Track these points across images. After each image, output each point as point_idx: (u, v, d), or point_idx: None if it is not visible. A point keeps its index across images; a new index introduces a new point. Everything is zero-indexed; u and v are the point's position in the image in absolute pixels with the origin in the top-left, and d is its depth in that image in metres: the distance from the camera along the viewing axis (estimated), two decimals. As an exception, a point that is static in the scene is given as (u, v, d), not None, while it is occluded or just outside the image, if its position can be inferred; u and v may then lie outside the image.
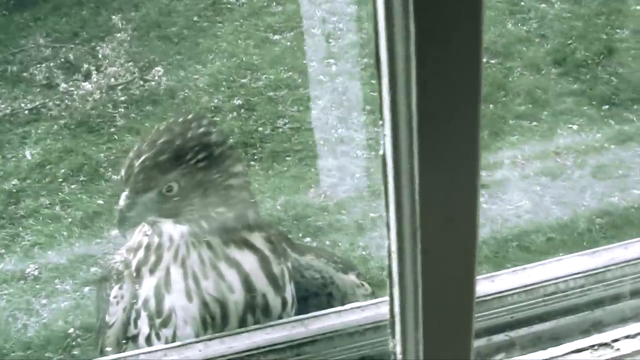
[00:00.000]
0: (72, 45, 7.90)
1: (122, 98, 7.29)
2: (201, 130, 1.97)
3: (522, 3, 8.23)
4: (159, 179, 1.94)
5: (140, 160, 1.93)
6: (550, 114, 6.91)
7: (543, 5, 8.16)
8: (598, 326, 2.09)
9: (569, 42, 7.77)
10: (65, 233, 5.88)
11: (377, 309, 1.99)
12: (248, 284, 2.06)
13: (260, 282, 2.08)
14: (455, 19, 1.00)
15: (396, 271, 1.23)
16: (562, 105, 7.02)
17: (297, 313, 2.17)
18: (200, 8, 8.40)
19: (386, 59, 1.05)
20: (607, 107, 6.99)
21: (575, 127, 6.74)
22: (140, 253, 2.09)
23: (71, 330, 5.16)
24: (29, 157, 6.73)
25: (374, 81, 7.23)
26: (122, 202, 1.96)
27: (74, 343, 5.08)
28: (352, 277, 2.33)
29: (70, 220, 6.01)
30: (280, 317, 2.11)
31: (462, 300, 1.26)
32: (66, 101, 7.23)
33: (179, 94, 7.31)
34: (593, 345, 1.91)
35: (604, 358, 1.88)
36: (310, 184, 6.20)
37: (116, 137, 6.88)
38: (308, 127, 6.83)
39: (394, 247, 1.21)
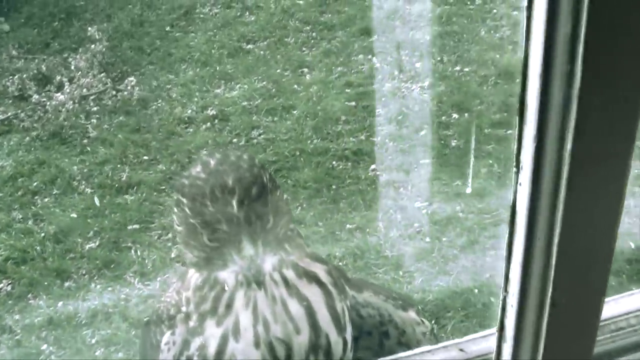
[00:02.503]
0: (45, 57, 7.83)
1: (95, 109, 7.22)
2: (248, 157, 1.91)
3: (495, 10, 8.24)
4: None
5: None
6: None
7: (515, 12, 8.17)
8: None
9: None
10: (38, 248, 5.80)
11: (446, 353, 1.87)
12: (314, 323, 1.95)
13: (325, 321, 1.97)
14: (621, 65, 0.94)
15: (512, 326, 1.20)
16: (537, 113, 7.02)
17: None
18: (173, 18, 8.36)
19: (537, 104, 0.99)
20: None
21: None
22: (198, 297, 1.97)
23: (44, 346, 5.09)
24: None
25: (348, 90, 7.26)
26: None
27: (47, 360, 5.03)
28: (412, 314, 2.22)
29: (43, 234, 5.93)
30: None
31: (582, 350, 1.23)
32: (38, 112, 7.15)
33: (151, 104, 7.25)
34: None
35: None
36: (288, 198, 6.16)
37: (89, 148, 6.81)
38: (283, 137, 6.79)
39: (513, 302, 1.17)
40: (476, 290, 5.32)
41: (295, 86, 7.39)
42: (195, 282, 1.98)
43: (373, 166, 6.45)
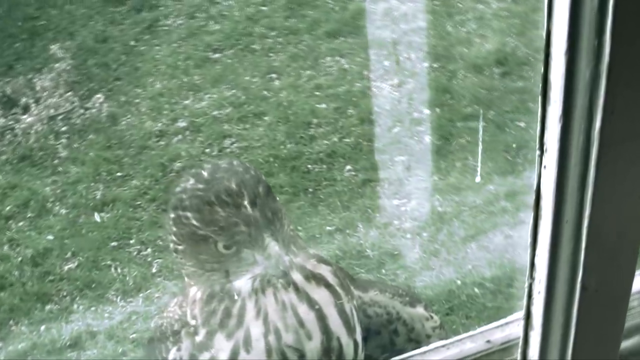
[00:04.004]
0: (9, 79, 7.71)
1: (64, 128, 7.13)
2: (239, 162, 1.92)
3: (460, 5, 8.27)
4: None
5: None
6: (497, 114, 6.95)
7: (480, 5, 8.21)
8: None
9: (509, 40, 7.84)
10: (16, 273, 5.72)
11: (462, 345, 1.87)
12: (325, 327, 1.92)
13: (335, 324, 1.94)
14: None
15: (540, 314, 1.18)
16: (507, 104, 7.07)
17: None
18: (137, 32, 8.28)
19: (562, 82, 0.98)
20: (552, 102, 7.06)
21: (522, 124, 6.79)
22: (207, 311, 1.93)
23: (29, 372, 5.05)
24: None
25: (318, 93, 7.26)
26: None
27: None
28: (420, 310, 2.22)
29: (20, 259, 5.85)
30: None
31: (612, 335, 1.22)
32: (7, 136, 7.05)
33: (121, 120, 7.18)
34: None
35: None
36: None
37: (61, 169, 6.72)
38: (256, 144, 6.77)
39: (540, 288, 1.16)
40: (459, 282, 5.35)
41: (265, 92, 7.37)
42: (202, 296, 1.94)
43: (348, 167, 6.44)
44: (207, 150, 6.76)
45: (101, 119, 7.20)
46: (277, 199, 1.93)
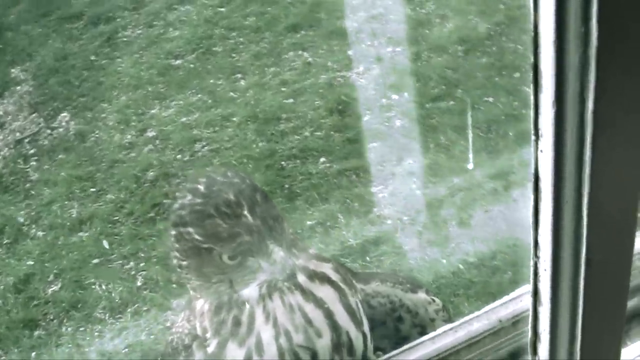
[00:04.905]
0: (-29, 106, 7.66)
1: (32, 151, 7.07)
2: (232, 171, 1.92)
3: (417, -13, 8.30)
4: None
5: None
6: (464, 91, 6.98)
7: (436, -15, 8.25)
8: None
9: (469, 17, 7.87)
10: (0, 301, 5.67)
11: (469, 326, 1.94)
12: (333, 324, 1.95)
13: (343, 319, 1.97)
14: (637, 20, 0.94)
15: (548, 290, 1.24)
16: (474, 80, 7.10)
17: None
18: (96, 46, 8.23)
19: (552, 69, 1.00)
20: (517, 74, 7.11)
21: (491, 99, 6.82)
22: (216, 322, 1.95)
23: (24, 401, 5.02)
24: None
25: (284, 88, 7.25)
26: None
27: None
28: (422, 295, 2.26)
29: (2, 287, 5.79)
30: (363, 354, 2.01)
31: (617, 302, 1.27)
32: (-25, 164, 7.00)
33: (89, 136, 7.13)
34: None
35: None
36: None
37: (33, 192, 6.66)
38: (227, 146, 6.75)
39: (546, 266, 1.21)
40: (444, 261, 5.39)
41: (231, 93, 7.35)
42: (210, 308, 1.96)
43: (322, 159, 6.44)
44: (179, 156, 6.73)
45: (69, 137, 7.15)
46: (275, 205, 1.94)
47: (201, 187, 1.86)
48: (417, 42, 7.60)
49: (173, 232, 1.90)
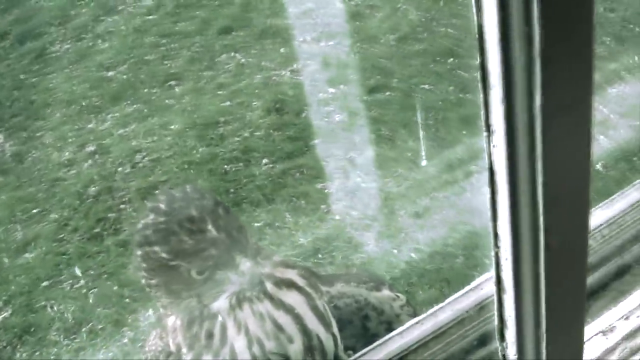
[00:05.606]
0: None
1: (-31, 178, 6.95)
2: (191, 187, 1.93)
3: (343, -19, 8.34)
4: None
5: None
6: (400, 80, 7.03)
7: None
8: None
9: (398, 5, 7.93)
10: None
11: (435, 318, 1.99)
12: (303, 328, 1.98)
13: (312, 323, 2.00)
14: (573, 22, 1.01)
15: (510, 278, 1.29)
16: (409, 69, 7.15)
17: None
18: (25, 64, 8.11)
19: (500, 68, 1.05)
20: (452, 59, 7.18)
21: (427, 87, 6.88)
22: (189, 337, 1.96)
23: None
24: None
25: (220, 92, 7.22)
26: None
27: None
28: (385, 292, 2.31)
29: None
30: (335, 355, 2.05)
31: (578, 283, 1.33)
32: None
33: (27, 156, 7.01)
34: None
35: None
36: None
37: (-26, 218, 6.54)
38: (167, 154, 6.70)
39: (507, 255, 1.26)
40: (396, 252, 5.42)
41: (167, 101, 7.30)
42: (182, 324, 1.97)
43: (265, 160, 6.43)
44: (120, 169, 6.66)
45: (6, 159, 7.02)
46: (237, 216, 1.96)
47: (162, 206, 1.87)
48: (350, 34, 7.64)
49: (139, 252, 1.90)
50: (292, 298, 1.98)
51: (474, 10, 1.01)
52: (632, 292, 2.02)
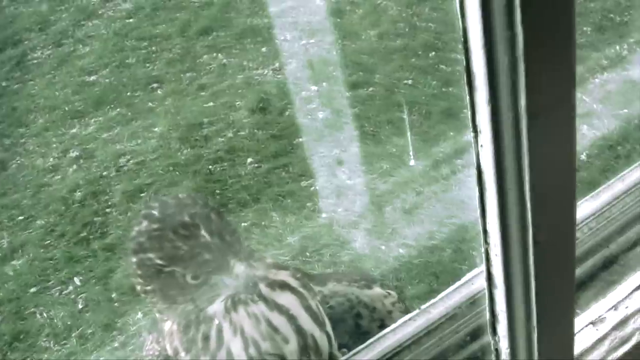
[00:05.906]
0: None
1: (-48, 186, 6.92)
2: (185, 195, 1.95)
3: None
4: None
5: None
6: (382, 76, 7.05)
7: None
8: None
9: (378, 1, 7.94)
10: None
11: (427, 314, 2.01)
12: (298, 328, 1.99)
13: (306, 323, 2.01)
14: (555, 25, 1.04)
15: (500, 273, 1.32)
16: (391, 64, 7.17)
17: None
18: (6, 71, 8.08)
19: (484, 70, 1.08)
20: (433, 53, 7.20)
21: (410, 82, 6.90)
22: (186, 341, 1.98)
23: None
24: None
25: (203, 93, 7.22)
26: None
27: None
28: (377, 289, 2.32)
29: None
30: (330, 354, 2.06)
31: (566, 276, 1.37)
32: None
33: (10, 163, 6.99)
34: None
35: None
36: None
37: (-41, 227, 6.51)
38: (152, 157, 6.69)
39: (497, 251, 1.29)
40: (384, 247, 5.43)
41: (150, 104, 7.29)
42: (179, 328, 1.99)
43: (250, 159, 6.43)
44: (105, 173, 6.65)
45: (-11, 167, 7.01)
46: (230, 220, 1.98)
47: (155, 212, 1.89)
48: (330, 31, 7.64)
49: (134, 260, 1.92)
50: (285, 299, 1.99)
51: (459, 15, 1.03)
52: (620, 283, 2.05)
